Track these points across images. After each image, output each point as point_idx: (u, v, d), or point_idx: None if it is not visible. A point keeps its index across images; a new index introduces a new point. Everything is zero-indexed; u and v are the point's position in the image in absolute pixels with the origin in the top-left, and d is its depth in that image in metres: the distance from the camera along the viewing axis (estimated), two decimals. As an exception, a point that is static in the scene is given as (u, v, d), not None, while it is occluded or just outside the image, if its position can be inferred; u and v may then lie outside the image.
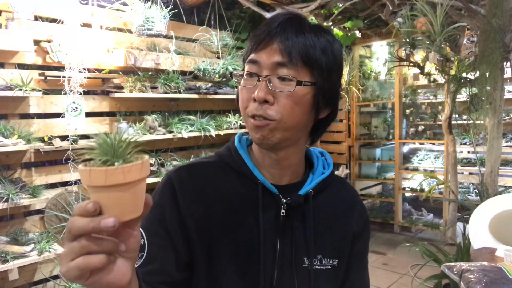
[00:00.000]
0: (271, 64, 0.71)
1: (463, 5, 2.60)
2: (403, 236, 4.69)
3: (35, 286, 2.74)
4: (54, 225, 2.75)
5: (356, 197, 0.90)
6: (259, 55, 0.72)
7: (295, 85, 0.71)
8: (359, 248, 0.86)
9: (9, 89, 2.43)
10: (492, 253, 1.49)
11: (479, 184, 2.65)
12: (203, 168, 0.81)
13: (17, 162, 2.65)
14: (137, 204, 0.50)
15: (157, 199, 0.76)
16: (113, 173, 0.46)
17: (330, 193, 0.84)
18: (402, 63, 3.68)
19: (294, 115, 0.73)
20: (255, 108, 0.71)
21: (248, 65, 0.74)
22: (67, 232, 0.47)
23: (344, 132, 5.07)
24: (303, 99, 0.73)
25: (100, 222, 0.46)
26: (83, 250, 0.46)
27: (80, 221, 0.46)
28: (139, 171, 0.48)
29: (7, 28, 2.45)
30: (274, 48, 0.71)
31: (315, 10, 3.70)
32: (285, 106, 0.71)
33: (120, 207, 0.48)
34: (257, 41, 0.73)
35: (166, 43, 3.33)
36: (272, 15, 0.79)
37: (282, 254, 0.76)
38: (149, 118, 3.19)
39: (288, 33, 0.71)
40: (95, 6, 2.97)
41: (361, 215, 0.88)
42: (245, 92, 0.74)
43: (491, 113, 2.48)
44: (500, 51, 2.33)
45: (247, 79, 0.74)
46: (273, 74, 0.71)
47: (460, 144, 4.48)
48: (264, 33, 0.72)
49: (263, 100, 0.70)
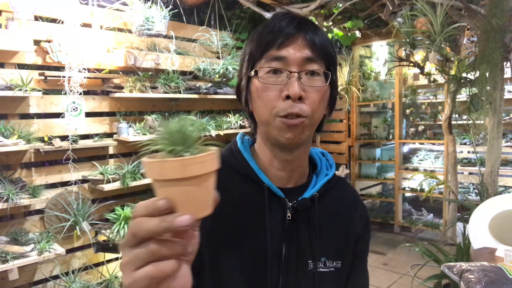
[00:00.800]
0: (301, 59, 0.70)
1: (463, 5, 2.60)
2: (403, 236, 4.70)
3: (35, 286, 2.74)
4: (54, 225, 2.75)
5: (357, 197, 0.90)
6: (285, 50, 0.70)
7: (324, 80, 0.72)
8: (360, 249, 0.86)
9: (9, 89, 2.43)
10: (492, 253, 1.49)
11: (479, 184, 2.65)
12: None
13: (17, 162, 2.65)
14: (209, 199, 0.46)
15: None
16: (190, 163, 0.41)
17: (333, 194, 0.83)
18: (402, 63, 3.68)
19: (320, 111, 0.73)
20: (289, 106, 0.69)
21: (270, 62, 0.71)
22: (131, 236, 0.42)
23: (344, 132, 5.07)
24: (326, 94, 0.74)
25: (174, 221, 0.41)
26: (153, 256, 0.41)
27: (149, 222, 0.41)
28: (213, 161, 0.44)
29: (7, 28, 2.45)
30: (301, 43, 0.70)
31: (315, 10, 3.70)
32: (314, 102, 0.71)
33: (194, 204, 0.43)
34: (278, 37, 0.70)
35: (166, 43, 3.33)
36: (273, 15, 0.78)
37: (288, 258, 0.75)
38: (149, 118, 3.19)
39: (308, 30, 0.71)
40: (95, 6, 2.97)
41: (363, 215, 0.88)
42: (272, 90, 0.70)
43: (491, 113, 2.48)
44: (500, 51, 2.33)
45: (271, 76, 0.71)
46: (304, 69, 0.70)
47: (460, 144, 4.48)
48: (282, 31, 0.70)
49: (299, 96, 0.69)
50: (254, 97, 0.74)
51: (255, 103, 0.74)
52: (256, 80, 0.72)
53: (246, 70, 0.76)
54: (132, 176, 2.99)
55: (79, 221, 2.78)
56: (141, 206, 0.43)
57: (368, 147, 5.25)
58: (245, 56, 0.77)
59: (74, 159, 2.80)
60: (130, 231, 0.43)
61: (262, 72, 0.71)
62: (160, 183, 0.42)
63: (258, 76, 0.72)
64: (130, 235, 0.42)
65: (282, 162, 0.77)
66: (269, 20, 0.76)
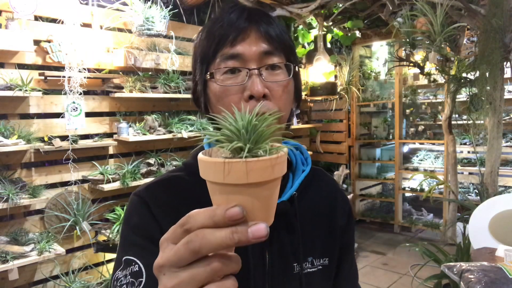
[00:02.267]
0: (258, 54, 0.65)
1: (463, 5, 2.60)
2: (403, 236, 4.69)
3: (35, 286, 2.74)
4: (54, 225, 2.75)
5: (336, 189, 0.85)
6: (240, 46, 0.64)
7: (287, 73, 0.67)
8: (347, 241, 0.83)
9: (9, 89, 2.44)
10: (492, 253, 1.49)
11: (479, 184, 2.65)
12: (175, 182, 0.73)
13: (17, 162, 2.65)
14: (274, 207, 0.40)
15: (136, 221, 0.68)
16: (276, 163, 0.35)
17: (312, 189, 0.78)
18: (402, 63, 3.68)
19: (287, 106, 0.69)
20: (254, 107, 0.64)
21: (225, 61, 0.65)
22: (191, 253, 0.35)
23: (344, 132, 5.07)
24: (290, 87, 0.70)
25: (249, 232, 0.35)
26: (215, 275, 0.35)
27: (216, 234, 0.35)
28: (284, 163, 0.38)
29: (7, 28, 2.45)
30: (255, 37, 0.65)
31: (315, 10, 3.70)
32: (280, 98, 0.66)
33: (265, 210, 0.37)
34: (230, 31, 0.64)
35: (166, 43, 3.33)
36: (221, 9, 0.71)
37: (272, 264, 0.70)
38: (149, 118, 3.19)
39: (260, 22, 0.66)
40: (95, 6, 2.97)
41: (344, 206, 0.84)
42: (232, 93, 0.65)
43: (491, 113, 2.48)
44: (500, 51, 2.33)
45: (228, 77, 0.65)
46: (263, 64, 0.65)
47: (460, 144, 4.48)
48: (233, 25, 0.65)
49: (263, 94, 0.64)
50: (214, 102, 0.68)
51: (217, 109, 0.67)
52: (213, 83, 0.66)
53: (200, 74, 0.69)
54: (132, 176, 2.99)
55: (79, 221, 2.78)
56: (201, 216, 0.36)
57: (368, 147, 5.25)
58: (196, 58, 0.70)
59: (74, 159, 2.80)
60: (188, 248, 0.35)
61: (218, 73, 0.66)
62: (231, 187, 0.35)
63: (215, 79, 0.66)
64: (189, 252, 0.35)
65: None
66: (217, 14, 0.69)
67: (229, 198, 0.36)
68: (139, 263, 0.63)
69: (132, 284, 0.62)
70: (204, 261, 0.36)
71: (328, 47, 4.79)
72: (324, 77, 4.46)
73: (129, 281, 0.62)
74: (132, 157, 3.20)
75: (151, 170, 3.14)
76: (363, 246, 4.37)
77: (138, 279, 0.62)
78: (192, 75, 0.74)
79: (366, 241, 4.54)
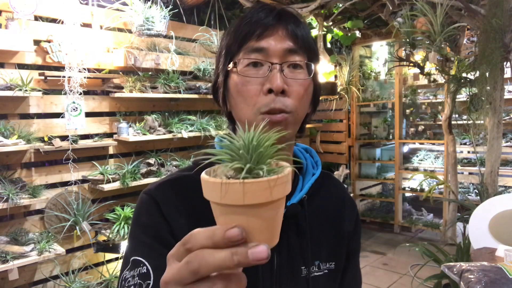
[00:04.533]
0: (282, 50, 0.65)
1: (463, 5, 2.60)
2: (403, 236, 4.70)
3: (35, 286, 2.74)
4: (54, 225, 2.75)
5: (345, 193, 0.86)
6: (265, 41, 0.65)
7: (307, 73, 0.68)
8: (353, 246, 0.84)
9: (9, 89, 2.43)
10: (492, 253, 1.49)
11: (479, 184, 2.65)
12: (183, 182, 0.72)
13: (17, 162, 2.65)
14: (280, 225, 0.39)
15: (145, 221, 0.68)
16: (275, 184, 0.34)
17: (321, 193, 0.79)
18: (402, 63, 3.68)
19: (304, 106, 0.69)
20: (272, 101, 0.64)
21: (249, 54, 0.66)
22: (190, 274, 0.35)
23: (344, 132, 5.07)
24: (310, 88, 0.70)
25: (249, 253, 0.34)
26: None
27: (215, 255, 0.34)
28: (286, 184, 0.36)
29: (7, 28, 2.45)
30: (282, 34, 0.66)
31: (315, 10, 3.70)
32: (298, 96, 0.66)
33: (268, 232, 0.36)
34: (257, 27, 0.65)
35: (166, 43, 3.33)
36: (251, 8, 0.73)
37: (280, 267, 0.70)
38: (149, 118, 3.19)
39: (289, 21, 0.67)
40: (95, 6, 2.97)
41: (352, 211, 0.84)
42: (252, 84, 0.65)
43: (491, 113, 2.48)
44: (500, 51, 2.33)
45: (250, 69, 0.66)
46: (286, 61, 0.66)
47: (460, 144, 4.48)
48: (261, 22, 0.66)
49: (282, 90, 0.64)
50: (233, 93, 0.68)
51: (235, 100, 0.68)
52: (235, 74, 0.67)
53: (223, 65, 0.70)
54: (132, 176, 2.99)
55: (79, 221, 2.78)
56: (201, 236, 0.36)
57: (368, 147, 5.25)
58: (221, 51, 0.71)
59: (74, 159, 2.80)
60: (188, 268, 0.35)
61: (241, 65, 0.66)
62: (230, 208, 0.35)
63: (237, 70, 0.67)
64: (189, 272, 0.35)
65: None
66: (247, 13, 0.70)
67: (230, 219, 0.35)
68: (147, 264, 0.63)
69: (140, 285, 0.62)
70: (207, 281, 0.35)
71: (328, 47, 4.79)
72: (324, 77, 4.46)
73: (137, 283, 0.62)
74: (132, 157, 3.20)
75: (151, 170, 3.14)
76: (363, 246, 4.37)
77: (146, 281, 0.62)
78: (215, 68, 0.74)
79: (366, 241, 4.54)
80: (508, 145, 4.14)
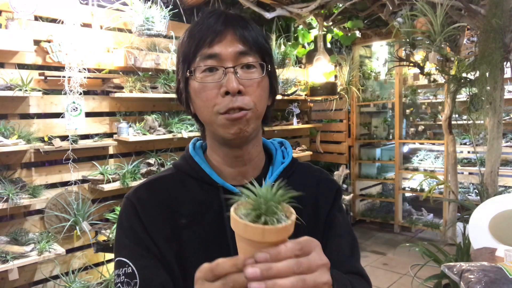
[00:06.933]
0: (234, 54, 0.70)
1: (463, 5, 2.60)
2: (403, 236, 4.70)
3: (35, 286, 2.74)
4: (54, 225, 2.75)
5: (321, 176, 0.87)
6: (217, 47, 0.70)
7: (261, 71, 0.73)
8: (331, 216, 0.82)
9: (9, 89, 2.43)
10: (492, 253, 1.49)
11: (479, 184, 2.65)
12: (161, 183, 0.79)
13: (17, 162, 2.65)
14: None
15: (126, 224, 0.75)
16: (270, 232, 0.45)
17: (293, 181, 0.77)
18: (402, 63, 3.68)
19: (262, 102, 0.74)
20: (230, 101, 0.69)
21: (204, 61, 0.71)
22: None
23: (344, 132, 5.07)
24: (266, 84, 0.75)
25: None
26: None
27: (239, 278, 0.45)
28: (291, 228, 0.48)
29: (7, 28, 2.45)
30: (231, 39, 0.71)
31: (315, 10, 3.70)
32: (255, 94, 0.71)
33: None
34: (208, 34, 0.71)
35: (166, 43, 3.33)
36: (201, 13, 0.79)
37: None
38: (149, 118, 3.19)
39: (236, 26, 0.72)
40: (95, 6, 2.97)
41: (329, 189, 0.85)
42: (210, 89, 0.71)
43: (491, 113, 2.48)
44: (500, 51, 2.33)
45: (207, 75, 0.71)
46: (239, 63, 0.71)
47: (460, 144, 4.48)
48: (210, 28, 0.71)
49: (238, 90, 0.69)
50: (194, 98, 0.75)
51: (196, 104, 0.75)
52: (193, 80, 0.73)
53: (182, 72, 0.76)
54: (132, 176, 2.99)
55: (79, 221, 2.78)
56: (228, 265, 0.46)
57: (368, 147, 5.25)
58: (179, 58, 0.77)
59: (74, 159, 2.80)
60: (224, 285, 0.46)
61: (198, 72, 0.72)
62: (241, 238, 0.47)
63: (195, 76, 0.72)
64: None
65: (233, 159, 0.77)
66: (198, 19, 0.77)
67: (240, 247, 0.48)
68: (131, 264, 0.70)
69: (128, 284, 0.70)
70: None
71: (328, 47, 4.79)
72: (324, 77, 4.46)
73: (124, 281, 0.70)
74: (132, 157, 3.20)
75: (151, 170, 3.13)
76: (363, 246, 4.37)
77: (133, 280, 0.70)
78: (176, 74, 0.80)
79: (366, 241, 4.54)
80: (508, 145, 4.14)
